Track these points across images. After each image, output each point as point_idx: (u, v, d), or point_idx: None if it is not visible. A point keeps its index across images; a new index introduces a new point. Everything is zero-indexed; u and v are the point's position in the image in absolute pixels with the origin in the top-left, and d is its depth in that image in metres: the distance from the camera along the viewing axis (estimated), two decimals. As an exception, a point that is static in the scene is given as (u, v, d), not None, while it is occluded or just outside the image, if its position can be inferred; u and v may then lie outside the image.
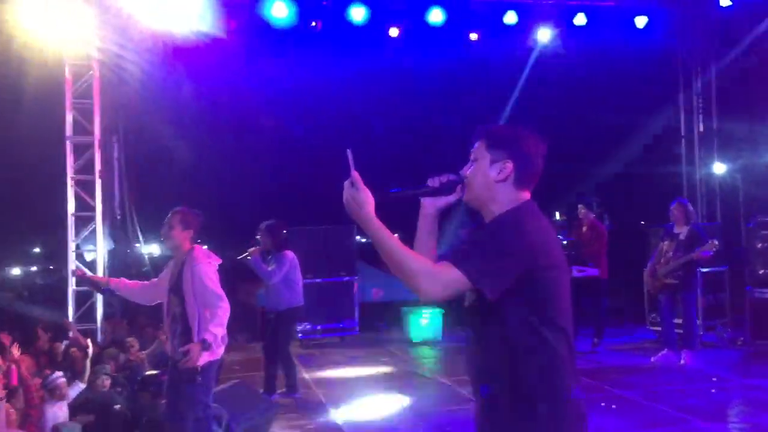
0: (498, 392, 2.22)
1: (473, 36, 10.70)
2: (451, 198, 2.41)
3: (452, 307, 2.31)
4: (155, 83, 9.98)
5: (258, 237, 7.22)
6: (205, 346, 4.29)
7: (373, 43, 10.53)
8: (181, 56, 9.52)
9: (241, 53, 10.17)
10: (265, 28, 9.86)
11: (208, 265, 4.50)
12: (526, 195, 2.33)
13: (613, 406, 6.25)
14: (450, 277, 2.09)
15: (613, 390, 6.86)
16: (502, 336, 2.20)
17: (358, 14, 10.05)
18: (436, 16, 10.24)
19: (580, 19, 10.53)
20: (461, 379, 7.35)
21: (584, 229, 8.98)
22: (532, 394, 2.17)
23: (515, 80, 11.78)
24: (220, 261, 4.70)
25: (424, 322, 10.25)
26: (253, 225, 7.43)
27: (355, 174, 2.16)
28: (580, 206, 9.01)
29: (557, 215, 9.53)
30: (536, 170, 2.34)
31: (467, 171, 2.36)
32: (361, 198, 2.14)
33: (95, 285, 5.14)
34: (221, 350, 4.55)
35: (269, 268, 7.06)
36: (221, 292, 4.46)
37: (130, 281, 5.02)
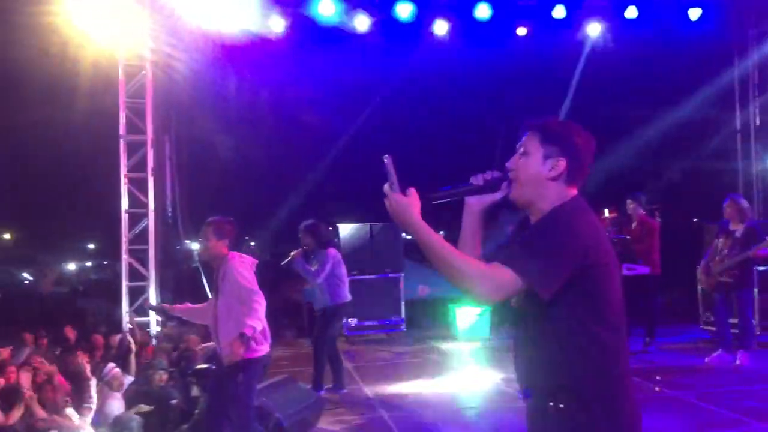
0: (550, 394, 2.17)
1: (521, 31, 10.58)
2: (497, 195, 2.34)
3: (500, 304, 2.25)
4: (205, 82, 10.17)
5: (300, 237, 7.27)
6: (244, 339, 4.35)
7: (419, 40, 10.49)
8: (230, 55, 9.67)
9: (288, 51, 10.27)
10: (312, 25, 9.93)
11: (240, 264, 4.59)
12: (574, 191, 2.26)
13: (666, 407, 6.12)
14: (503, 278, 2.04)
15: (665, 391, 6.71)
16: (553, 335, 2.16)
17: (404, 11, 10.04)
18: (483, 11, 10.17)
19: (631, 12, 10.32)
20: (510, 377, 7.30)
21: (634, 225, 8.79)
22: (585, 395, 2.12)
23: (564, 76, 11.61)
24: (255, 261, 4.78)
25: (471, 319, 10.19)
26: (300, 221, 7.49)
27: (397, 179, 2.12)
28: (629, 201, 8.80)
29: (606, 212, 9.33)
30: (587, 168, 2.28)
31: (513, 164, 2.29)
32: (406, 202, 2.11)
33: (163, 313, 5.31)
34: (264, 348, 4.62)
35: (313, 268, 7.11)
36: (254, 286, 4.53)
37: (192, 305, 5.16)
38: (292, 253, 7.14)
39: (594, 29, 10.55)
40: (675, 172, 12.15)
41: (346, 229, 10.66)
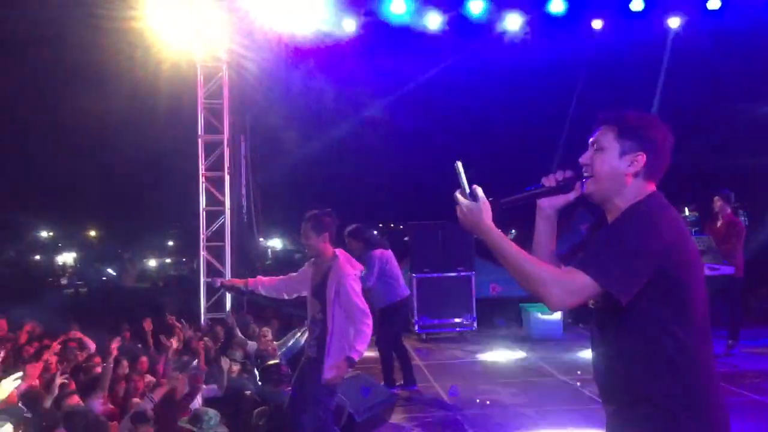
0: (633, 402, 2.07)
1: (596, 25, 10.33)
2: (571, 196, 2.27)
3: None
4: (278, 83, 10.38)
5: (346, 244, 7.15)
6: (351, 363, 4.36)
7: (491, 37, 10.39)
8: (303, 56, 9.82)
9: (359, 51, 10.35)
10: (383, 25, 9.98)
11: (354, 279, 4.49)
12: (652, 187, 2.16)
13: (750, 412, 5.87)
14: (578, 283, 1.97)
15: (750, 395, 6.44)
16: (635, 340, 2.06)
17: (476, 7, 9.96)
18: (557, 5, 9.98)
19: (713, 3, 9.93)
20: (583, 378, 7.16)
21: (719, 223, 8.43)
22: (672, 404, 2.02)
23: (643, 70, 11.28)
24: (362, 267, 4.75)
25: (544, 319, 10.03)
26: (371, 219, 7.54)
27: (475, 187, 2.09)
28: (716, 198, 8.43)
29: (686, 210, 8.98)
30: (666, 163, 2.18)
31: (588, 159, 2.19)
32: (478, 209, 2.07)
33: (237, 289, 5.22)
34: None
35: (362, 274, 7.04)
36: (366, 306, 4.45)
37: (267, 278, 5.08)
38: None
39: (673, 21, 10.20)
40: (758, 169, 11.60)
41: (416, 228, 10.65)
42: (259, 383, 6.04)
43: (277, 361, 6.20)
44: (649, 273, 1.97)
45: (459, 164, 2.07)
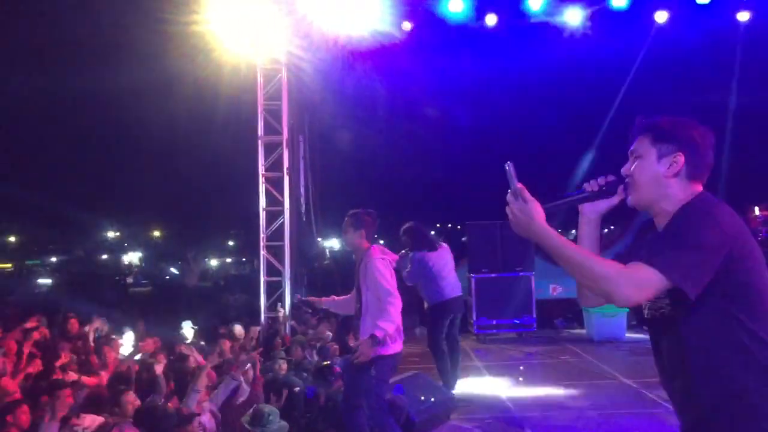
0: (713, 403, 2.00)
1: (660, 18, 10.03)
2: (614, 200, 2.25)
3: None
4: (337, 84, 10.44)
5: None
6: (375, 341, 4.40)
7: (550, 33, 10.20)
8: (359, 56, 9.86)
9: (417, 50, 10.34)
10: (440, 23, 9.93)
11: (380, 261, 4.63)
12: (699, 187, 2.14)
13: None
14: (645, 278, 1.91)
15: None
16: (706, 337, 2.00)
17: (535, 3, 9.80)
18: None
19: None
20: (647, 381, 6.96)
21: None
22: (750, 405, 1.95)
23: (712, 65, 10.92)
24: (396, 257, 4.83)
25: (606, 320, 9.81)
26: (431, 219, 7.53)
27: (520, 186, 2.03)
28: None
29: (756, 210, 8.68)
30: (708, 161, 2.15)
31: (628, 170, 2.20)
32: (531, 210, 2.03)
33: (313, 306, 5.42)
34: (397, 346, 4.64)
35: (404, 272, 7.00)
36: (391, 287, 4.55)
37: (341, 297, 5.26)
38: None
39: (743, 15, 9.83)
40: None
41: (474, 228, 10.57)
42: (311, 381, 6.11)
43: (328, 362, 6.26)
44: (716, 266, 1.93)
45: (510, 165, 2.03)
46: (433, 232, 7.44)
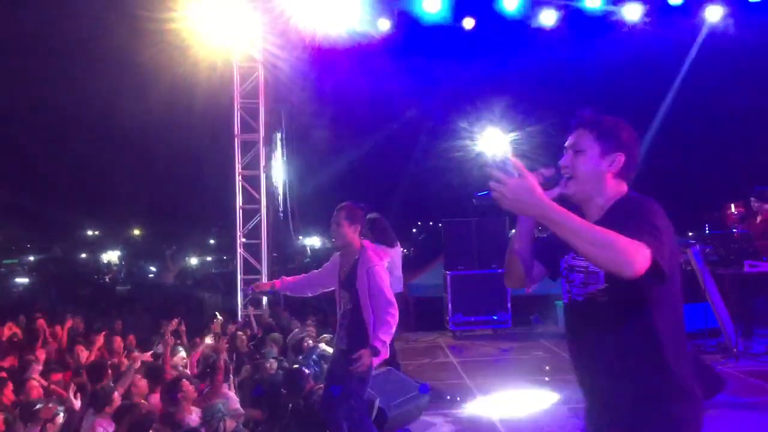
0: (635, 387, 2.16)
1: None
2: (554, 192, 2.28)
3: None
4: (313, 83, 10.47)
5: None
6: (375, 352, 4.38)
7: (524, 35, 10.29)
8: (336, 55, 9.89)
9: (393, 50, 10.39)
10: (417, 23, 9.98)
11: (382, 268, 4.51)
12: (626, 187, 2.28)
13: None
14: (646, 252, 1.88)
15: (790, 395, 6.30)
16: (646, 326, 2.12)
17: (510, 4, 9.87)
18: (593, 1, 9.85)
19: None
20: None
21: (758, 220, 8.28)
22: (686, 385, 2.12)
23: (679, 66, 11.07)
24: (389, 257, 4.78)
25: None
26: (406, 217, 7.61)
27: (514, 161, 1.95)
28: (752, 199, 8.31)
29: (732, 207, 8.82)
30: (637, 165, 2.29)
31: (568, 162, 2.27)
32: (531, 184, 1.91)
33: (265, 292, 5.31)
34: (384, 352, 4.58)
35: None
36: (392, 297, 4.47)
37: (291, 278, 5.17)
38: None
39: (713, 13, 9.98)
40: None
41: (450, 225, 10.65)
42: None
43: (297, 366, 6.27)
44: (679, 255, 2.08)
45: (507, 144, 2.11)
46: (415, 230, 7.53)
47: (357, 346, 4.44)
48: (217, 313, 7.84)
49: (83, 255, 40.88)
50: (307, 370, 5.78)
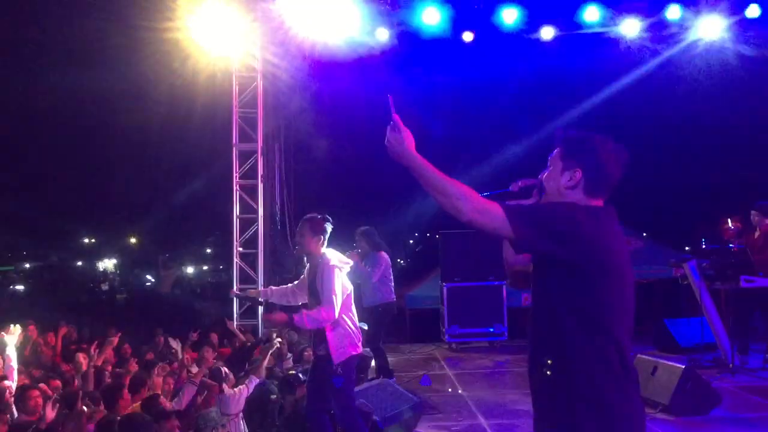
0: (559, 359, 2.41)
1: (630, 34, 10.19)
2: (529, 202, 2.51)
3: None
4: (312, 93, 10.48)
5: (356, 241, 7.77)
6: (289, 319, 4.49)
7: (522, 47, 10.32)
8: (337, 66, 9.91)
9: (392, 61, 10.41)
10: (415, 36, 10.00)
11: (333, 268, 4.60)
12: (598, 203, 2.39)
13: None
14: (491, 209, 2.19)
15: (786, 411, 6.28)
16: (549, 308, 2.36)
17: (509, 16, 9.89)
18: (591, 14, 9.88)
19: (753, 11, 9.76)
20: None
21: (757, 234, 8.27)
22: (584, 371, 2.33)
23: (669, 82, 11.13)
24: (351, 263, 4.84)
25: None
26: (403, 228, 7.69)
27: (396, 117, 2.34)
28: (753, 213, 8.30)
29: (729, 222, 8.82)
30: (608, 179, 2.39)
31: (543, 175, 2.48)
32: (402, 138, 2.31)
33: (252, 300, 5.48)
34: (355, 349, 4.69)
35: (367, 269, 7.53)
36: (335, 299, 4.50)
37: (276, 287, 5.32)
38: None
39: (710, 29, 10.04)
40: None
41: (447, 237, 10.64)
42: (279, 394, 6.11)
43: (293, 371, 6.27)
44: (554, 246, 2.19)
45: (390, 97, 2.38)
46: (411, 241, 7.74)
47: (329, 348, 4.58)
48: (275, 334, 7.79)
49: (79, 263, 40.77)
50: (302, 377, 5.80)
